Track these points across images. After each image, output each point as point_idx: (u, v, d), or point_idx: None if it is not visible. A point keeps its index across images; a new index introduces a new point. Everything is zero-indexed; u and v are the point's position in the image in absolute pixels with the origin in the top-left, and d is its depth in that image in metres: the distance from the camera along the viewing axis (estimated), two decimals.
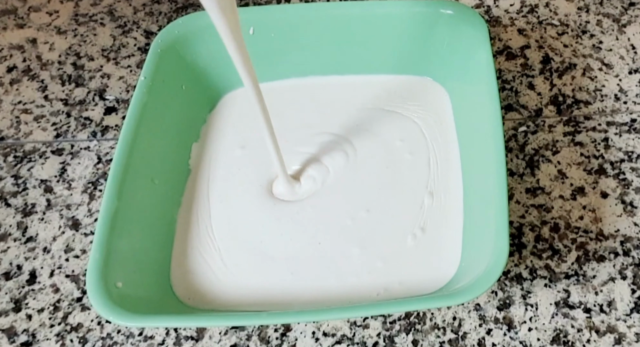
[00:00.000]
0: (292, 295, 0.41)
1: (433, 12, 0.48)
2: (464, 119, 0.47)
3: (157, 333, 0.42)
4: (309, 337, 0.41)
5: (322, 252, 0.43)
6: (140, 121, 0.43)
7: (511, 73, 0.54)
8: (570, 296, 0.43)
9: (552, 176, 0.48)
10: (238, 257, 0.43)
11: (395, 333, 0.41)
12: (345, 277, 0.42)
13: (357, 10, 0.48)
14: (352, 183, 0.46)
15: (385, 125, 0.49)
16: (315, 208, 0.45)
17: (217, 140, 0.49)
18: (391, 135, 0.48)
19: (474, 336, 0.41)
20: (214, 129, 0.50)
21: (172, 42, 0.47)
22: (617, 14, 0.57)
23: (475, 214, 0.42)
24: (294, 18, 0.49)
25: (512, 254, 0.44)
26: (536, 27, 0.57)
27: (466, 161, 0.46)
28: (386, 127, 0.49)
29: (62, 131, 0.52)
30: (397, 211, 0.45)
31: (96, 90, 0.54)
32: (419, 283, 0.41)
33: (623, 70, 0.53)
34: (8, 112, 0.53)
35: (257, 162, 0.48)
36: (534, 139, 0.50)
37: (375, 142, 0.48)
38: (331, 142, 0.48)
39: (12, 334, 0.42)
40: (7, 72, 0.56)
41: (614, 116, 0.51)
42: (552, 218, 0.46)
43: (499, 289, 0.43)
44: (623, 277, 0.43)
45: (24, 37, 0.58)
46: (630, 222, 0.45)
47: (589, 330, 0.41)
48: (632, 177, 0.47)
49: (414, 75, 0.52)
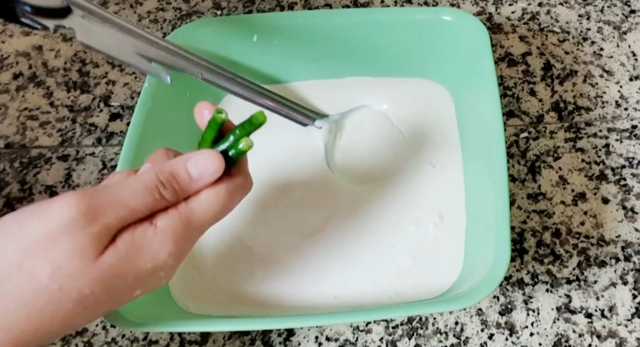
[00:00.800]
0: (298, 300, 0.42)
1: (435, 19, 0.48)
2: (466, 125, 0.48)
3: (162, 338, 0.42)
4: (312, 342, 0.42)
5: (327, 257, 0.43)
6: (144, 127, 0.43)
7: (513, 79, 0.54)
8: (571, 301, 0.43)
9: (554, 181, 0.48)
10: (236, 262, 0.44)
11: (398, 338, 0.42)
12: (351, 281, 0.42)
13: (362, 17, 0.49)
14: (355, 188, 0.46)
15: (388, 128, 0.49)
16: (317, 208, 0.45)
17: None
18: (394, 139, 0.49)
19: (476, 340, 0.41)
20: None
21: None
22: (618, 21, 0.58)
23: (477, 220, 0.43)
24: (302, 25, 0.49)
25: (513, 259, 0.45)
26: (537, 34, 0.57)
27: (468, 167, 0.46)
28: (389, 130, 0.49)
29: (68, 137, 0.52)
30: (398, 216, 0.45)
31: (101, 97, 0.55)
32: (422, 288, 0.42)
33: (624, 77, 0.54)
34: (14, 119, 0.54)
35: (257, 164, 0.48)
36: (535, 145, 0.50)
37: (379, 145, 0.48)
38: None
39: None
40: (13, 78, 0.56)
41: (614, 122, 0.51)
42: (553, 223, 0.46)
43: (500, 294, 0.43)
44: (624, 283, 0.43)
45: (30, 44, 0.59)
46: (631, 228, 0.46)
47: (590, 335, 0.41)
48: (633, 183, 0.48)
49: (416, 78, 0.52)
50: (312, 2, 0.61)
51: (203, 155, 0.31)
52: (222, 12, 0.60)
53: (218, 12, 0.60)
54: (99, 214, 0.28)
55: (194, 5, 0.61)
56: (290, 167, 0.48)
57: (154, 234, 0.29)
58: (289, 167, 0.48)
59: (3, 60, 0.57)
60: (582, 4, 0.59)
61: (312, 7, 0.60)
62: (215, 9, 0.60)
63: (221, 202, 0.31)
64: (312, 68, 0.52)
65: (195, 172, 0.31)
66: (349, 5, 0.60)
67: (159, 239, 0.29)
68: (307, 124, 0.48)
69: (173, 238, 0.30)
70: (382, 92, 0.51)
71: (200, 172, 0.31)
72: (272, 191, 0.47)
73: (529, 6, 0.59)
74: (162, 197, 0.30)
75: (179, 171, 0.31)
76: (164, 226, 0.30)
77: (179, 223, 0.30)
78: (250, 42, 0.49)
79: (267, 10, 0.60)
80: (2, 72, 0.56)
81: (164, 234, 0.29)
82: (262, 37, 0.49)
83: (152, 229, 0.29)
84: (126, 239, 0.29)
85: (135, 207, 0.29)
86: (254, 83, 0.46)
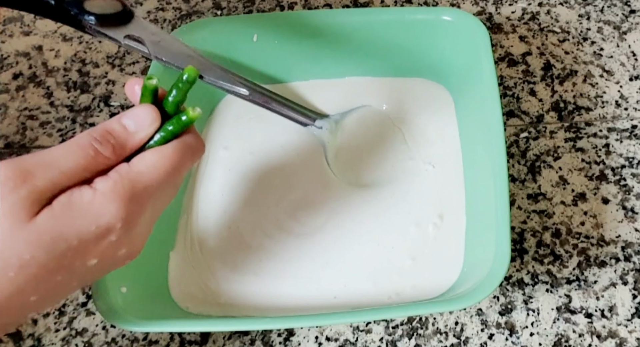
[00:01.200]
0: (298, 300, 0.42)
1: (435, 19, 0.48)
2: (466, 125, 0.48)
3: (162, 338, 0.42)
4: (312, 342, 0.42)
5: (327, 257, 0.43)
6: None
7: (513, 79, 0.54)
8: (571, 301, 0.43)
9: (554, 181, 0.48)
10: (236, 262, 0.44)
11: (398, 338, 0.42)
12: (351, 281, 0.42)
13: (362, 17, 0.49)
14: (355, 188, 0.47)
15: (389, 128, 0.49)
16: (317, 208, 0.46)
17: (217, 144, 0.49)
18: (394, 139, 0.49)
19: (476, 340, 0.41)
20: (214, 132, 0.50)
21: None
22: (618, 21, 0.58)
23: (477, 220, 0.43)
24: (302, 25, 0.49)
25: (513, 259, 0.45)
26: (537, 34, 0.57)
27: (468, 167, 0.46)
28: (389, 130, 0.49)
29: (68, 137, 0.52)
30: (398, 216, 0.45)
31: (101, 97, 0.55)
32: (422, 288, 0.42)
33: (624, 77, 0.54)
34: (14, 119, 0.54)
35: (258, 164, 0.48)
36: (535, 145, 0.50)
37: (379, 145, 0.48)
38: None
39: (18, 338, 0.42)
40: (13, 78, 0.56)
41: (614, 122, 0.51)
42: (553, 224, 0.46)
43: (500, 294, 0.43)
44: (624, 283, 0.43)
45: (30, 44, 0.59)
46: (631, 228, 0.46)
47: (590, 335, 0.41)
48: (633, 183, 0.48)
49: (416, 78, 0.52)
50: (312, 2, 0.61)
51: (137, 109, 0.30)
52: (222, 12, 0.60)
53: (218, 12, 0.60)
54: (28, 175, 0.27)
55: (194, 5, 0.61)
56: (291, 167, 0.48)
57: (92, 196, 0.28)
58: (289, 167, 0.48)
59: (3, 60, 0.57)
60: (582, 4, 0.59)
61: (312, 7, 0.60)
62: (215, 9, 0.60)
63: (168, 161, 0.30)
64: (312, 68, 0.52)
65: (130, 125, 0.30)
66: (349, 5, 0.60)
67: (99, 201, 0.28)
68: (307, 124, 0.48)
69: (114, 199, 0.28)
70: (382, 92, 0.51)
71: (136, 124, 0.30)
72: (272, 191, 0.47)
73: (529, 6, 0.59)
74: (97, 153, 0.29)
75: (113, 126, 0.30)
76: (103, 187, 0.28)
77: (120, 184, 0.28)
78: (250, 42, 0.49)
79: (267, 10, 0.60)
80: (2, 72, 0.56)
81: (103, 195, 0.28)
82: (262, 37, 0.49)
83: (90, 191, 0.28)
84: (62, 201, 0.27)
85: (67, 167, 0.28)
86: (254, 83, 0.46)
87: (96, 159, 0.29)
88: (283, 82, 0.53)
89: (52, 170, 0.27)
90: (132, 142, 0.30)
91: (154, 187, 0.30)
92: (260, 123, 0.50)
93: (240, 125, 0.51)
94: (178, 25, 0.59)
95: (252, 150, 0.49)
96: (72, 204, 0.27)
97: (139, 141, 0.30)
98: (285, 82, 0.53)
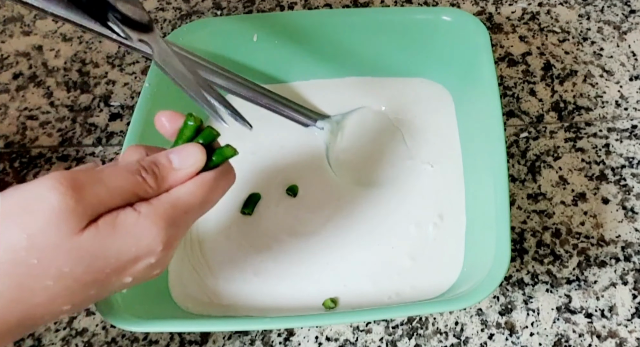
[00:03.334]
0: (298, 300, 0.42)
1: (435, 19, 0.48)
2: (466, 125, 0.48)
3: (162, 338, 0.42)
4: (312, 342, 0.42)
5: (327, 257, 0.43)
6: (144, 127, 0.43)
7: (513, 79, 0.54)
8: (571, 301, 0.43)
9: (554, 181, 0.48)
10: (237, 262, 0.44)
11: (398, 338, 0.42)
12: (351, 281, 0.42)
13: (362, 17, 0.49)
14: (356, 188, 0.47)
15: (389, 129, 0.49)
16: (318, 208, 0.45)
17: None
18: (394, 139, 0.49)
19: (476, 340, 0.41)
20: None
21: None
22: (618, 21, 0.58)
23: (477, 220, 0.43)
24: (302, 25, 0.49)
25: (513, 259, 0.45)
26: (537, 34, 0.57)
27: (468, 167, 0.46)
28: (389, 130, 0.49)
29: (68, 137, 0.52)
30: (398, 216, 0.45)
31: (101, 97, 0.55)
32: (422, 288, 0.42)
33: (624, 77, 0.54)
34: (14, 119, 0.54)
35: (258, 164, 0.48)
36: (535, 145, 0.50)
37: (379, 145, 0.48)
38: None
39: (18, 339, 0.42)
40: (13, 78, 0.56)
41: (614, 122, 0.51)
42: (553, 223, 0.46)
43: (500, 294, 0.43)
44: (624, 283, 0.43)
45: (30, 44, 0.59)
46: (631, 228, 0.46)
47: (590, 335, 0.41)
48: (633, 183, 0.48)
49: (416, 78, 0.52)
50: (312, 2, 0.61)
51: (185, 147, 0.32)
52: (222, 12, 0.60)
53: (218, 12, 0.60)
54: (80, 187, 0.27)
55: (194, 5, 0.61)
56: (291, 167, 0.48)
57: (137, 219, 0.29)
58: (289, 167, 0.48)
59: (3, 60, 0.57)
60: (582, 4, 0.59)
61: (312, 7, 0.60)
62: (215, 9, 0.60)
63: (206, 187, 0.32)
64: (312, 68, 0.52)
65: (176, 161, 0.31)
66: (349, 5, 0.60)
67: (142, 224, 0.29)
68: (309, 124, 0.48)
69: (157, 222, 0.29)
70: (382, 92, 0.51)
71: (181, 162, 0.31)
72: (272, 191, 0.47)
73: (529, 6, 0.59)
74: (144, 180, 0.30)
75: (160, 159, 0.31)
76: (147, 211, 0.29)
77: (162, 209, 0.30)
78: (250, 42, 0.49)
79: (267, 10, 0.60)
80: (2, 72, 0.56)
81: (147, 218, 0.29)
82: (262, 37, 0.49)
83: (135, 213, 0.29)
84: (107, 221, 0.28)
85: (115, 188, 0.29)
86: (254, 83, 0.46)
87: (141, 185, 0.30)
88: (283, 82, 0.53)
89: (101, 188, 0.28)
90: (174, 177, 0.31)
91: (192, 212, 0.32)
92: (261, 123, 0.50)
93: (241, 126, 0.50)
94: (178, 25, 0.59)
95: (253, 151, 0.49)
96: (117, 224, 0.29)
97: (180, 178, 0.31)
98: (286, 82, 0.53)
